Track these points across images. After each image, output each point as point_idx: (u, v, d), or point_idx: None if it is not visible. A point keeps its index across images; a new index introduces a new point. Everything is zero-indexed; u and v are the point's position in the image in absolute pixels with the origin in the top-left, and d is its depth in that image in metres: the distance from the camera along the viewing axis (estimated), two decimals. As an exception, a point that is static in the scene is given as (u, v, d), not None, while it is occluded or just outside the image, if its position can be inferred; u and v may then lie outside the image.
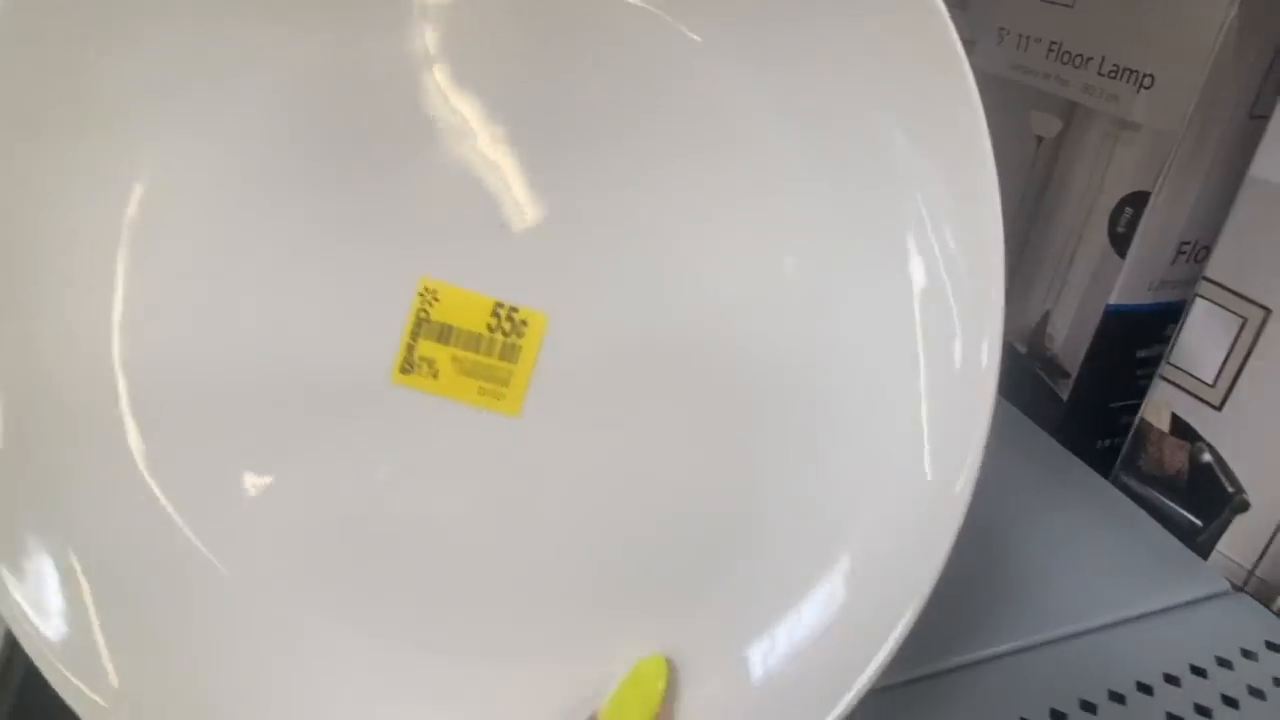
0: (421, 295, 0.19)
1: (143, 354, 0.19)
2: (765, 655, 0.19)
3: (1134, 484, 0.36)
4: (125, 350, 0.19)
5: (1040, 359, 0.41)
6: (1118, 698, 0.26)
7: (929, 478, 0.19)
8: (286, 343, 0.19)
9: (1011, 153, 0.41)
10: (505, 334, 0.19)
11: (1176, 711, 0.26)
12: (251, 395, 0.19)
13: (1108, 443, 0.40)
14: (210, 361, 0.19)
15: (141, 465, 0.19)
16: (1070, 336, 0.39)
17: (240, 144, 0.19)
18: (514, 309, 0.19)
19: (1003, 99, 0.41)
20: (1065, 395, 0.39)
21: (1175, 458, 0.33)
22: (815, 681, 0.18)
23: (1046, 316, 0.40)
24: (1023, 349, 0.42)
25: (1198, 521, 0.33)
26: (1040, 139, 0.40)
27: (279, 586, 0.19)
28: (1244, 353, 0.31)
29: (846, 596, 0.19)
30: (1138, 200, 0.35)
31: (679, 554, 0.20)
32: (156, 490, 0.19)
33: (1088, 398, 0.39)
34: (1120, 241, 0.36)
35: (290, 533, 0.19)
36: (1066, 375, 0.39)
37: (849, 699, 0.18)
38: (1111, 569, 0.31)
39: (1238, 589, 0.31)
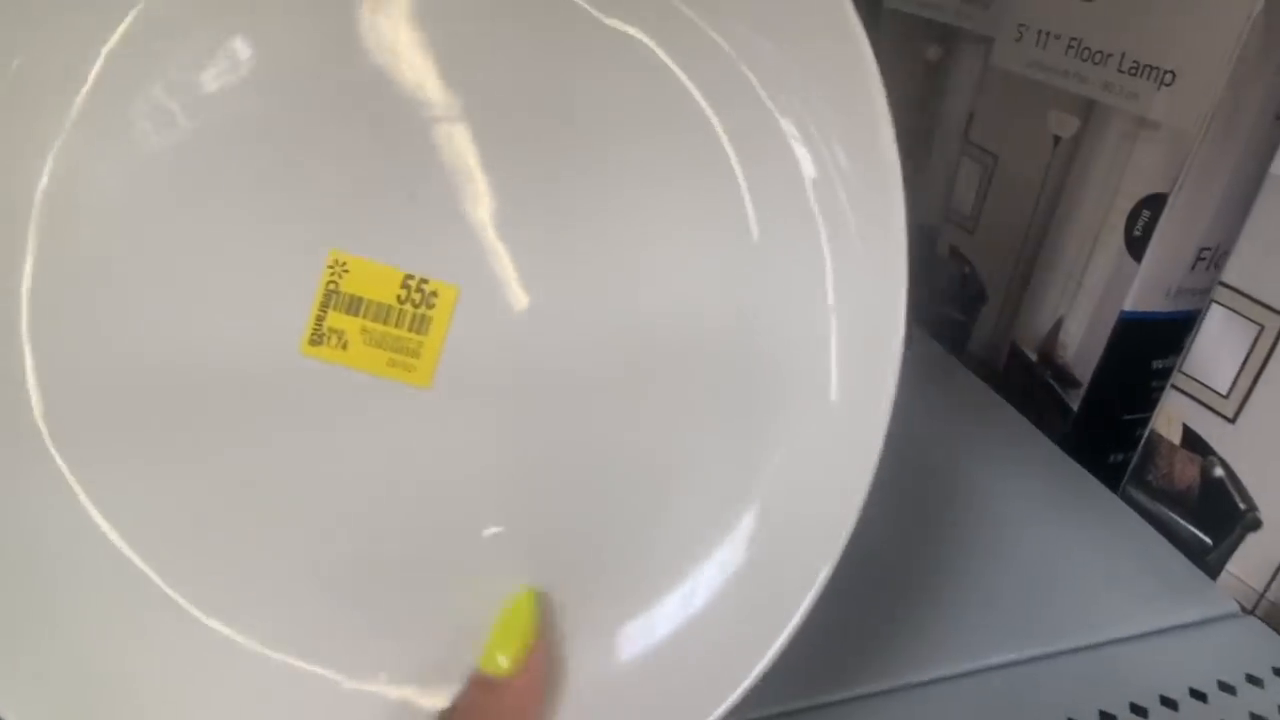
0: (331, 268, 0.19)
1: (51, 327, 0.19)
2: (648, 632, 0.19)
3: (1143, 499, 0.34)
4: (33, 322, 0.18)
5: (1052, 367, 0.40)
6: (1108, 719, 0.25)
7: (834, 399, 0.18)
8: (196, 315, 0.19)
9: (1028, 153, 0.40)
10: (415, 305, 0.19)
11: (1172, 736, 0.25)
12: (158, 368, 0.19)
13: (1120, 457, 0.38)
14: (119, 333, 0.19)
15: (44, 432, 0.18)
16: (1083, 344, 0.38)
17: (153, 124, 0.18)
18: (424, 280, 0.19)
19: (1020, 98, 0.40)
20: (1076, 406, 0.38)
21: (1186, 472, 0.32)
22: (715, 652, 0.18)
23: (1059, 323, 0.39)
24: (1034, 356, 0.41)
25: (1207, 539, 0.31)
26: (1057, 139, 0.38)
27: (172, 556, 0.19)
28: (1260, 362, 0.29)
29: (746, 560, 0.19)
30: (1156, 203, 0.34)
31: (580, 526, 0.20)
32: (56, 456, 0.19)
33: (1100, 409, 0.38)
34: (1137, 246, 0.35)
35: (189, 503, 0.19)
36: (1078, 385, 0.38)
37: (760, 667, 0.17)
38: (1114, 586, 0.30)
39: (1247, 612, 0.29)
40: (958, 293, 0.46)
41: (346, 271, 0.19)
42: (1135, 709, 0.25)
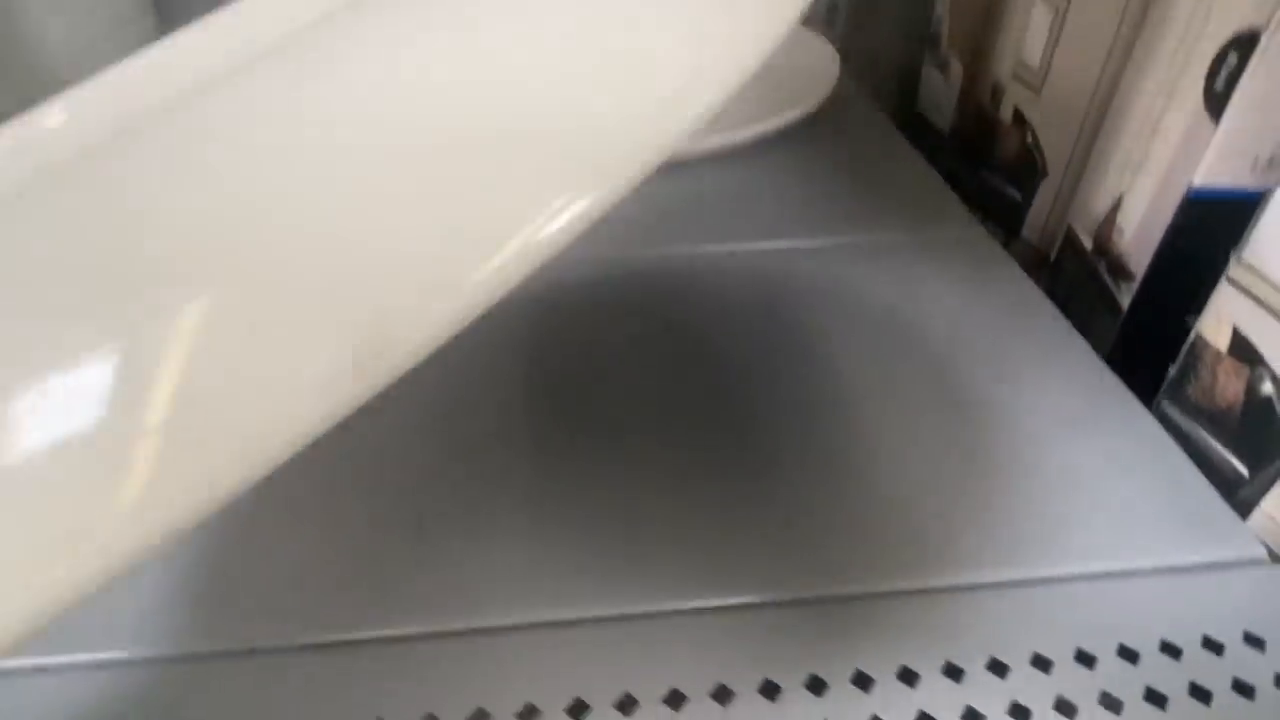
0: None
1: None
2: None
3: (1177, 415, 0.28)
4: None
5: (1106, 256, 0.33)
6: (1086, 659, 0.21)
7: None
8: None
9: (1105, -11, 0.33)
10: None
11: (1157, 686, 0.21)
12: None
13: (1179, 366, 0.32)
14: None
15: None
16: (1141, 227, 0.31)
17: None
18: None
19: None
20: (1126, 302, 0.32)
21: (1229, 386, 0.26)
22: None
23: (1119, 203, 0.32)
24: (1088, 243, 0.34)
25: (1243, 470, 0.26)
26: (1138, -33, 0.31)
27: None
28: (1335, 251, 0.23)
29: None
30: (1247, 45, 0.26)
31: None
32: None
33: (1155, 307, 0.31)
34: (1217, 103, 0.28)
35: None
36: (1131, 278, 0.32)
37: None
38: (1124, 515, 0.25)
39: (1275, 560, 0.24)
40: (1016, 166, 0.39)
41: None
42: (1124, 652, 0.21)
